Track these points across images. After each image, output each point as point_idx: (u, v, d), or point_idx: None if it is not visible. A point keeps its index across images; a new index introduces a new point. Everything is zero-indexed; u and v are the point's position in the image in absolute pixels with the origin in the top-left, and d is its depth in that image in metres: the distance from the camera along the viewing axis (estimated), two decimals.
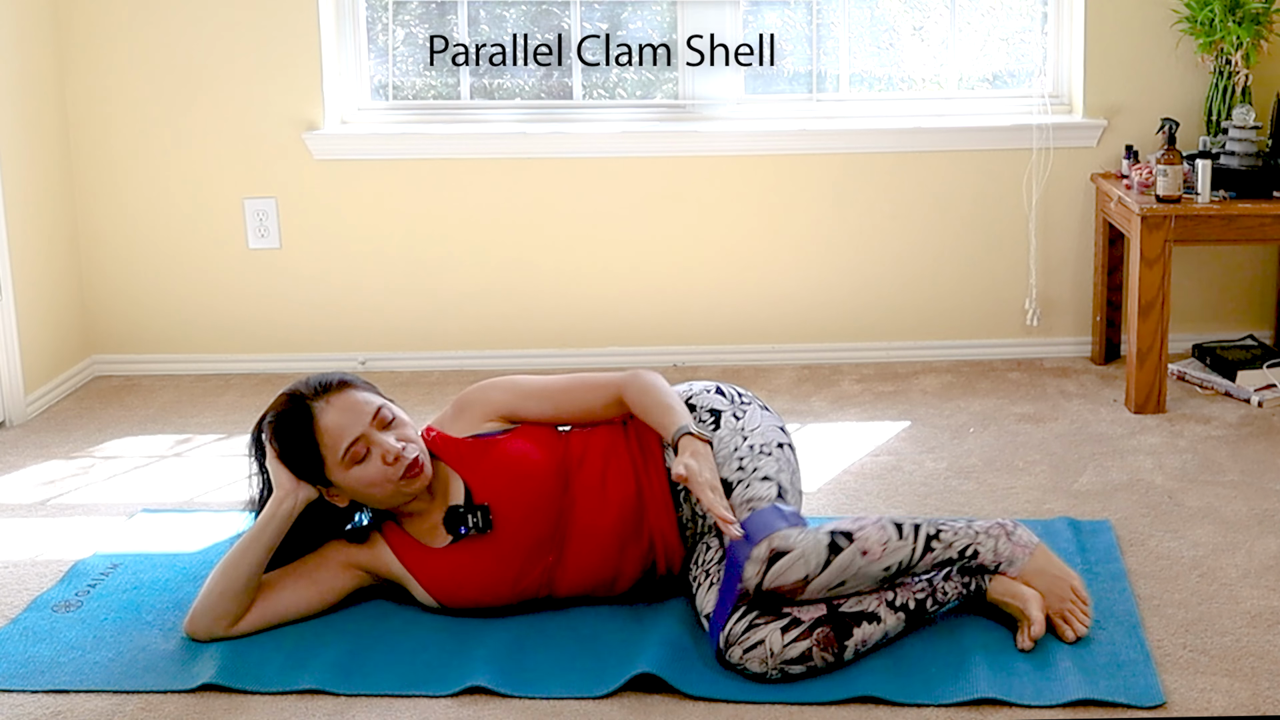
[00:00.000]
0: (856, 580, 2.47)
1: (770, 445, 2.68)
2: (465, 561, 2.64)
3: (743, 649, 2.43)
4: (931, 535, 2.53)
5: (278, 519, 2.60)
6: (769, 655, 2.42)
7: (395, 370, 4.33)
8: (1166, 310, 3.76)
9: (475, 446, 2.69)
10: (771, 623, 2.43)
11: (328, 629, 2.65)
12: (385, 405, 2.64)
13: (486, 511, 2.62)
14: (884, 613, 2.50)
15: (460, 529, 2.62)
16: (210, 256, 4.33)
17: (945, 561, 2.54)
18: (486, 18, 4.34)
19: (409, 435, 2.63)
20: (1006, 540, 2.59)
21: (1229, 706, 2.35)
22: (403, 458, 2.57)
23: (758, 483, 2.59)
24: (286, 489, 2.60)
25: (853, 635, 2.46)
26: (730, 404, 2.75)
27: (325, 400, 2.60)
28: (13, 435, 3.85)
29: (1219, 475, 3.36)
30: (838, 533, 2.47)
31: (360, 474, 2.58)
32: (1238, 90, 3.98)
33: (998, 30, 4.38)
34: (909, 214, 4.28)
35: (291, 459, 2.60)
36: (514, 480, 2.64)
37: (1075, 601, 2.58)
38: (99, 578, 2.92)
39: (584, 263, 4.32)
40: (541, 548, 2.65)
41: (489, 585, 2.65)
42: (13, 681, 2.51)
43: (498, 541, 2.63)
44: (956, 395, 4.01)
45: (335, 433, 2.57)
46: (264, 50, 4.21)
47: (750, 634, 2.43)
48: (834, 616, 2.46)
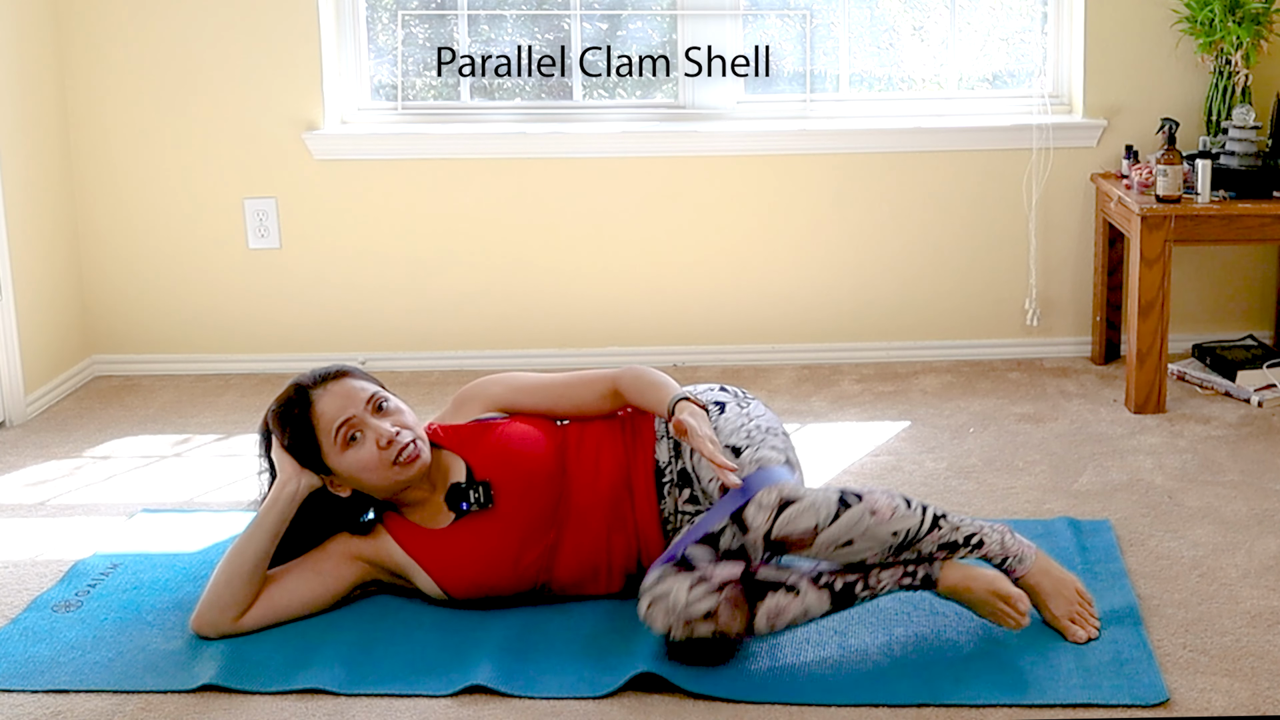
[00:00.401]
0: (865, 541, 2.43)
1: (776, 431, 2.70)
2: (467, 540, 2.66)
3: (650, 599, 2.42)
4: (939, 515, 2.52)
5: (280, 503, 2.63)
6: (674, 609, 2.39)
7: (395, 370, 4.33)
8: (1166, 310, 3.77)
9: (475, 429, 2.75)
10: (681, 576, 2.42)
11: (329, 629, 2.66)
12: (382, 393, 2.70)
13: (488, 487, 2.66)
14: (804, 586, 2.44)
15: (462, 504, 2.66)
16: (210, 256, 4.34)
17: (950, 544, 2.51)
18: (486, 18, 4.34)
19: (405, 422, 2.67)
20: (1013, 536, 2.58)
21: (1229, 706, 2.35)
22: (395, 441, 2.61)
23: (766, 449, 2.60)
24: (289, 474, 2.64)
25: (765, 600, 2.41)
26: (734, 399, 2.77)
27: (323, 387, 2.66)
28: (13, 435, 3.85)
29: (1219, 475, 3.36)
30: (847, 491, 2.46)
31: (355, 457, 2.62)
32: (1238, 90, 3.98)
33: (998, 30, 4.38)
34: (909, 214, 4.28)
35: (293, 447, 2.64)
36: (514, 458, 2.68)
37: (1082, 604, 2.58)
38: (99, 578, 2.92)
39: (584, 263, 4.32)
40: (542, 525, 2.68)
41: (491, 563, 2.66)
42: (13, 681, 2.52)
43: (499, 517, 2.66)
44: (956, 395, 4.02)
45: (329, 416, 2.62)
46: (264, 50, 4.21)
47: (661, 584, 2.42)
48: (747, 578, 2.42)
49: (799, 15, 4.32)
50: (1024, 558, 2.58)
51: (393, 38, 4.35)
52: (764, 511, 2.42)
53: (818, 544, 2.42)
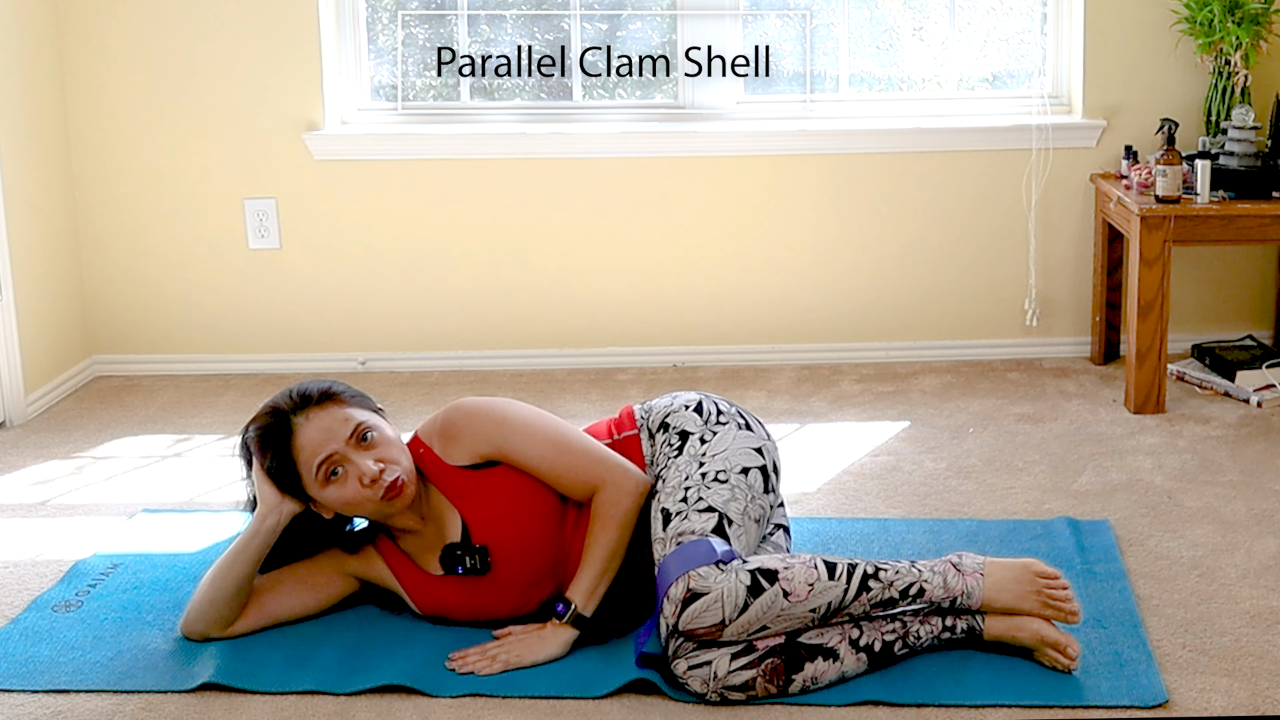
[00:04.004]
0: (781, 623, 2.37)
1: (729, 472, 2.57)
2: (460, 593, 2.62)
3: (688, 664, 2.38)
4: (869, 574, 2.41)
5: (262, 534, 2.57)
6: (712, 678, 2.36)
7: (395, 370, 4.34)
8: (1166, 310, 3.77)
9: (471, 478, 2.61)
10: (725, 645, 2.38)
11: (327, 629, 2.66)
12: (367, 422, 2.55)
13: (485, 554, 2.57)
14: (844, 650, 2.41)
15: (458, 569, 2.59)
16: (210, 257, 4.34)
17: (886, 601, 2.41)
18: (486, 18, 4.35)
19: (391, 455, 2.54)
20: (956, 574, 2.46)
21: (1228, 706, 2.35)
22: (380, 481, 2.51)
23: (695, 514, 2.48)
24: (270, 504, 2.57)
25: (804, 669, 2.39)
26: (703, 425, 2.66)
27: (305, 415, 2.53)
28: (13, 435, 3.85)
29: (1218, 475, 3.36)
30: (761, 571, 2.37)
31: (338, 494, 2.53)
32: (1237, 90, 3.98)
33: (997, 31, 4.38)
34: (909, 214, 4.28)
35: (274, 472, 2.56)
36: (514, 521, 2.58)
37: (1046, 584, 2.48)
38: (99, 578, 2.92)
39: (584, 263, 4.32)
40: (539, 583, 2.63)
41: (484, 615, 2.63)
42: (13, 681, 2.52)
43: (495, 580, 2.60)
44: (956, 395, 4.02)
45: (310, 450, 2.52)
46: (264, 51, 4.21)
47: (700, 653, 2.38)
48: (790, 646, 2.39)
49: (799, 15, 4.32)
50: (971, 592, 2.46)
51: (393, 38, 4.36)
52: (670, 604, 2.36)
53: (727, 634, 2.36)
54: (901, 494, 3.31)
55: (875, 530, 3.07)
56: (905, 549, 2.96)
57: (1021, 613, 2.47)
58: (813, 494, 3.30)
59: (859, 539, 3.02)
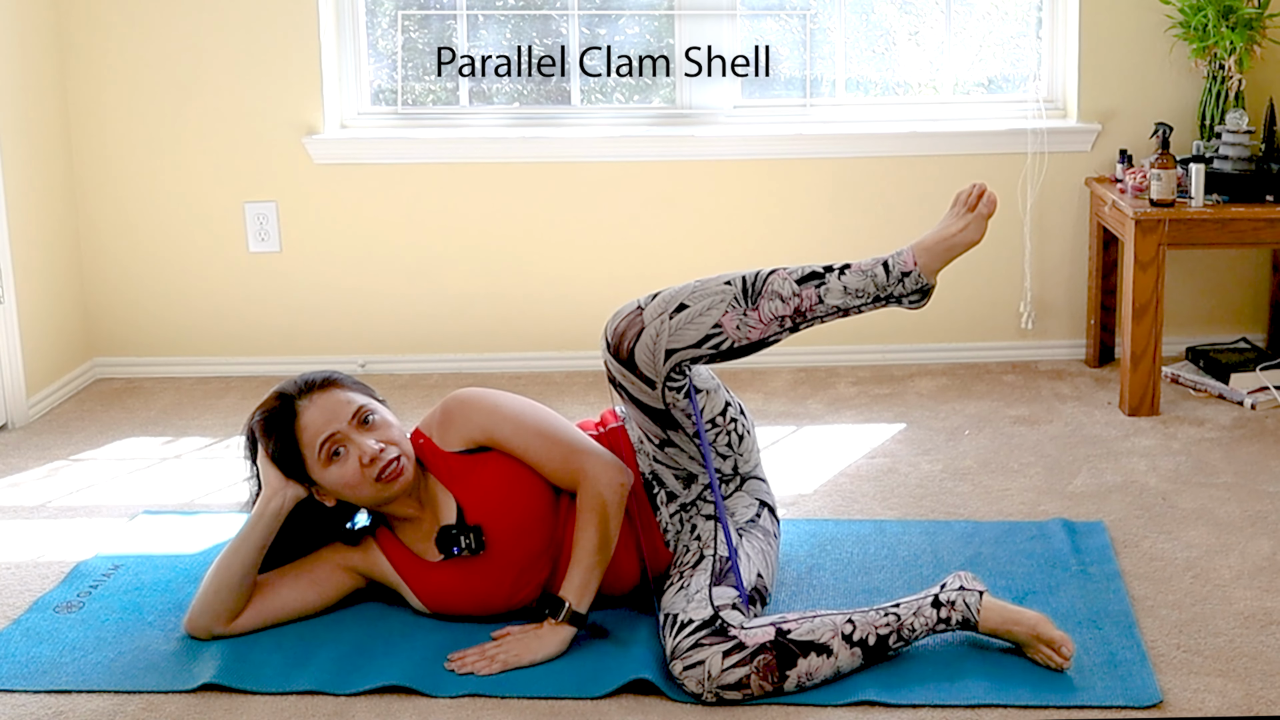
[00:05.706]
0: (698, 299, 2.63)
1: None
2: (458, 578, 2.64)
3: (684, 664, 2.40)
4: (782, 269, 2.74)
5: (266, 518, 2.61)
6: (706, 677, 2.38)
7: (395, 373, 4.35)
8: (1160, 313, 3.78)
9: (465, 462, 2.67)
10: (716, 644, 2.40)
11: (328, 629, 2.67)
12: (369, 405, 2.63)
13: (479, 533, 2.61)
14: (837, 645, 2.43)
15: (453, 549, 2.62)
16: (211, 260, 4.35)
17: (811, 275, 2.74)
18: (485, 21, 4.36)
19: (391, 437, 2.61)
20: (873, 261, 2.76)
21: (1222, 707, 2.37)
22: (379, 459, 2.56)
23: None
24: (274, 487, 2.61)
25: (796, 665, 2.40)
26: None
27: (309, 398, 2.60)
28: (15, 437, 3.86)
29: (1212, 477, 3.37)
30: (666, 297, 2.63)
31: (338, 474, 2.58)
32: (1231, 95, 4.00)
33: (993, 35, 4.40)
34: (904, 218, 4.29)
35: (278, 456, 2.61)
36: (506, 500, 2.63)
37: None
38: (100, 579, 2.93)
39: (582, 266, 4.34)
40: (535, 565, 2.65)
41: (482, 601, 2.65)
42: (14, 682, 2.53)
43: (491, 561, 2.63)
44: (952, 398, 4.03)
45: (312, 430, 2.58)
46: (264, 55, 4.23)
47: (694, 652, 2.40)
48: (780, 644, 2.41)
49: (797, 18, 4.33)
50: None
51: (392, 43, 4.37)
52: (602, 340, 2.59)
53: (647, 316, 2.57)
54: (898, 496, 3.32)
55: (871, 532, 3.08)
56: (901, 550, 2.97)
57: (1036, 620, 2.49)
58: (809, 495, 3.32)
59: (855, 540, 3.03)
